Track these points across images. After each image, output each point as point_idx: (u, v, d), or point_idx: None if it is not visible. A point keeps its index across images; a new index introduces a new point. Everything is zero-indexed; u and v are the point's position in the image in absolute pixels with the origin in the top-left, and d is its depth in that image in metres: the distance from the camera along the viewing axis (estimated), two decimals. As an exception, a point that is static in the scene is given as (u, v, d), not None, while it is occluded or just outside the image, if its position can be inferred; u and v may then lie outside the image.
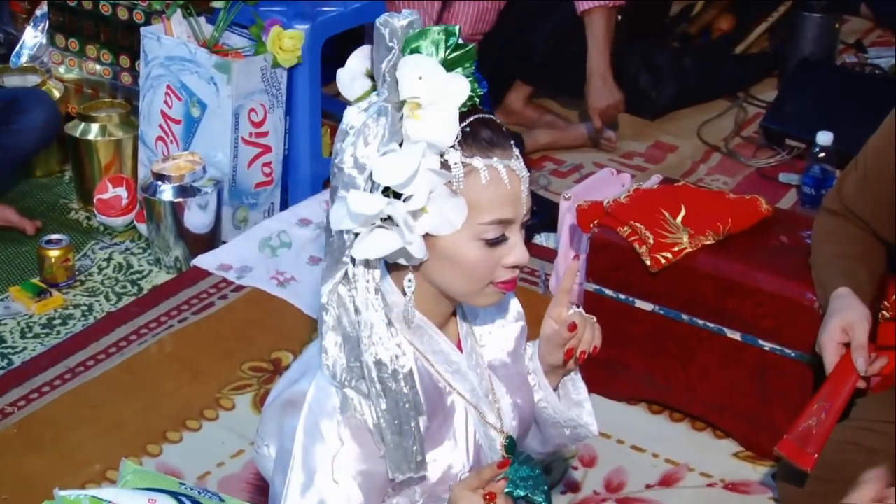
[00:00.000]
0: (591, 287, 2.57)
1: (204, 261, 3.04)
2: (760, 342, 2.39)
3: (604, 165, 3.43)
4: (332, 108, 3.71)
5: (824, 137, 3.22)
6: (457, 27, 1.47)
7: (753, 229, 2.49)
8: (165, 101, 3.17)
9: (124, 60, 3.45)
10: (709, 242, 2.44)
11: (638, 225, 2.46)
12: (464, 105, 1.46)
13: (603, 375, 2.57)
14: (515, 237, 1.51)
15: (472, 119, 1.48)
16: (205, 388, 2.63)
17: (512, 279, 1.53)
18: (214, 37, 3.12)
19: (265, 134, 3.18)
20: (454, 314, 1.64)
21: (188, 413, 2.56)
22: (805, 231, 2.44)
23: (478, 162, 1.47)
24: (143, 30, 3.19)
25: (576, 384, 1.78)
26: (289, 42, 3.10)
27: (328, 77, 3.77)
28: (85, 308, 2.93)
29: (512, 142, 1.51)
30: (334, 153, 1.49)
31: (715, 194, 2.62)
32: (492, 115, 1.51)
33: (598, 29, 3.52)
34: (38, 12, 3.70)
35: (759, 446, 2.44)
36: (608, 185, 2.95)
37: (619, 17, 3.60)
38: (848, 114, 3.44)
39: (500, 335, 1.70)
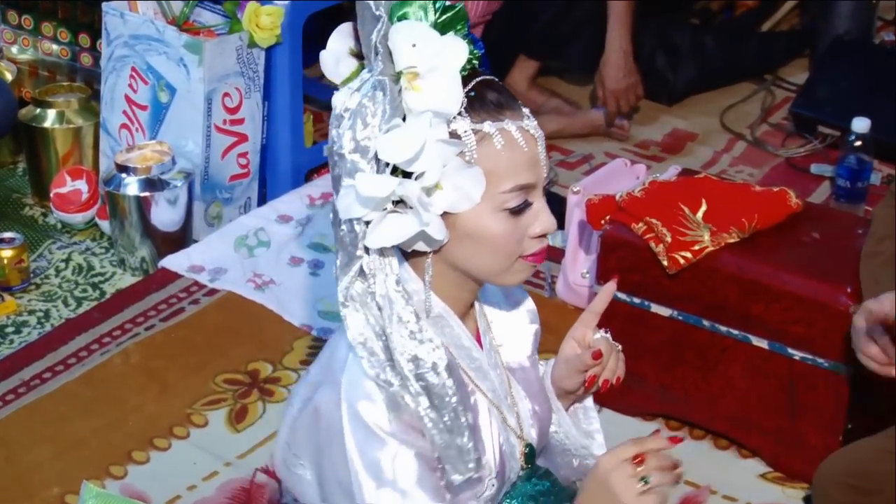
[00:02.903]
0: (603, 290, 2.57)
1: (173, 262, 3.04)
2: (790, 351, 2.40)
3: (616, 156, 3.43)
4: (315, 92, 3.71)
5: (861, 124, 3.22)
6: None
7: (782, 226, 2.50)
8: (130, 85, 3.17)
9: (84, 39, 3.45)
10: (732, 241, 2.44)
11: (654, 221, 2.47)
12: (463, 69, 1.49)
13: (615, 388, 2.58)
14: (539, 203, 1.54)
15: (475, 83, 1.51)
16: (174, 402, 2.64)
17: (541, 250, 1.55)
18: (184, 13, 3.12)
19: (241, 121, 3.18)
20: (472, 307, 1.65)
21: (156, 431, 2.56)
22: (839, 227, 2.45)
23: (489, 127, 1.50)
24: (104, 5, 3.19)
25: (587, 413, 1.80)
26: (267, 19, 3.10)
27: (310, 58, 3.77)
28: (41, 314, 2.93)
29: (519, 102, 1.54)
30: (330, 140, 1.51)
31: (739, 187, 2.63)
32: (493, 77, 1.54)
33: None
34: (-13, -14, 3.71)
35: (789, 466, 2.45)
36: (621, 177, 2.96)
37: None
38: (887, 98, 3.45)
39: (517, 336, 1.72)
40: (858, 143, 3.23)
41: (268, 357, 2.77)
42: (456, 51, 1.47)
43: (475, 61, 1.52)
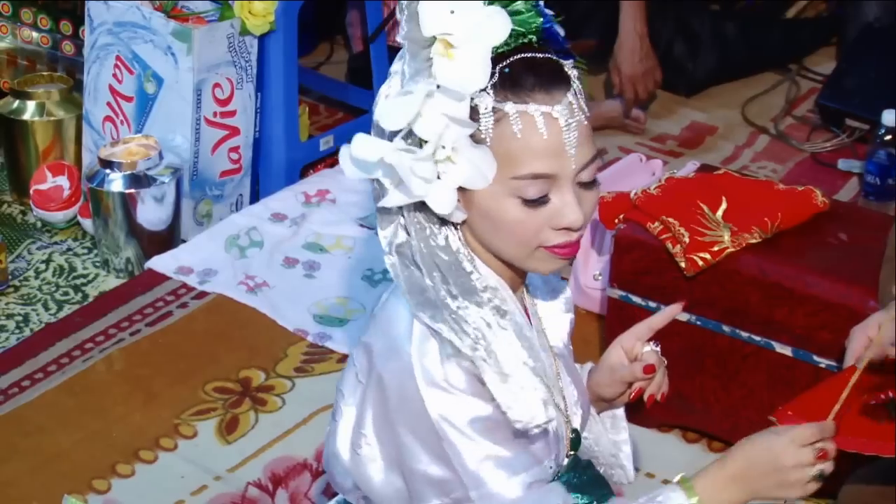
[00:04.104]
0: (616, 293, 2.58)
1: (160, 263, 3.05)
2: (815, 358, 2.40)
3: (631, 150, 3.43)
4: (311, 83, 3.71)
5: (891, 117, 3.21)
6: None
7: (807, 225, 2.50)
8: (114, 75, 3.18)
9: (66, 27, 3.45)
10: (754, 241, 2.45)
11: (671, 220, 2.47)
12: (507, 43, 1.50)
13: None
14: (564, 196, 1.53)
15: (515, 59, 1.51)
16: (161, 412, 2.64)
17: (566, 243, 1.56)
18: (172, -1, 3.14)
19: (232, 114, 3.19)
20: (522, 285, 1.68)
21: (141, 442, 2.57)
22: (868, 227, 2.45)
23: (510, 108, 1.50)
24: (87, -10, 3.21)
25: (616, 423, 1.84)
26: (260, 5, 3.11)
27: (305, 47, 3.79)
28: (20, 318, 2.94)
29: (572, 86, 1.55)
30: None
31: (762, 184, 2.63)
32: (550, 55, 1.53)
33: None
34: (-37, -30, 3.71)
35: (813, 481, 2.46)
36: (636, 173, 2.96)
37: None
38: (919, 90, 3.45)
39: (559, 321, 1.75)
40: (889, 136, 3.23)
41: (260, 364, 2.77)
42: (496, 25, 1.48)
43: (532, 36, 1.52)
